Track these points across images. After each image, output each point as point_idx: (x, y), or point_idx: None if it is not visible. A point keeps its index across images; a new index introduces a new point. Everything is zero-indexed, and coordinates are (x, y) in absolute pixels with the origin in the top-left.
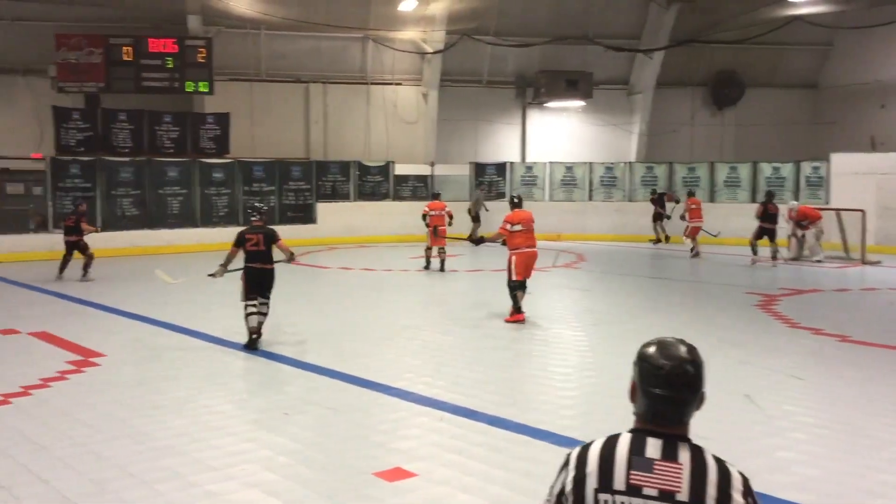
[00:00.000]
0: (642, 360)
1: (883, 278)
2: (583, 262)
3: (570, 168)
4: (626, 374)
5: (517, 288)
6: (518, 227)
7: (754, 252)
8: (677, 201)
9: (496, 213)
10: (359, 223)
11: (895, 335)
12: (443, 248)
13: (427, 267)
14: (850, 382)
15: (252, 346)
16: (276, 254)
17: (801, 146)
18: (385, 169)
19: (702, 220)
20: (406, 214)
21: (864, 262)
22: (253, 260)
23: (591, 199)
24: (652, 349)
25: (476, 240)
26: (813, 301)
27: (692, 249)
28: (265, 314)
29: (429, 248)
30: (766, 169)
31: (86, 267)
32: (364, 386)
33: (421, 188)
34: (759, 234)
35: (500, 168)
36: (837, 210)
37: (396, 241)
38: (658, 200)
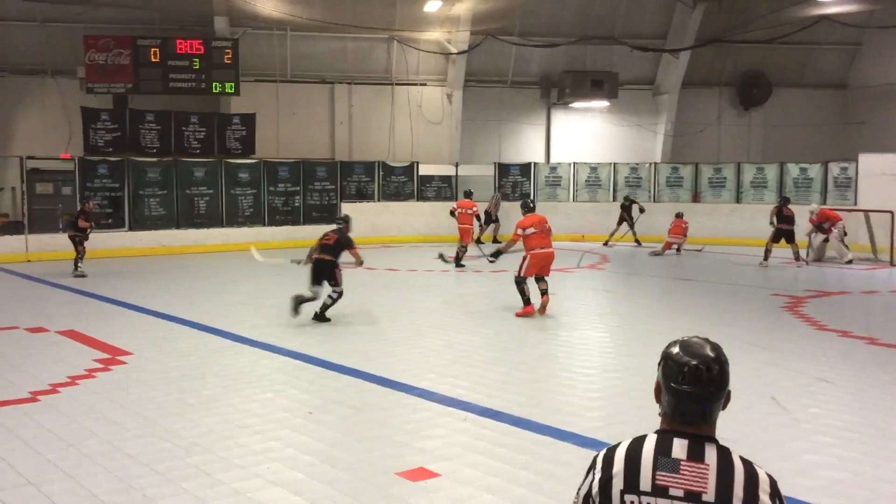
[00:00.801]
0: (667, 359)
1: None
2: (607, 263)
3: (594, 169)
4: (651, 375)
5: (523, 283)
6: (531, 230)
7: (766, 256)
8: (642, 210)
9: (515, 214)
10: (383, 223)
11: None
12: (464, 246)
13: (459, 265)
14: (880, 385)
15: (318, 318)
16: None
17: (829, 147)
18: (409, 169)
19: (683, 237)
20: (430, 215)
21: (892, 263)
22: (320, 250)
23: (615, 199)
24: (676, 348)
25: (494, 254)
26: (840, 303)
27: (656, 252)
28: (332, 299)
29: (462, 247)
30: (793, 170)
31: (76, 262)
32: (388, 386)
33: (445, 188)
34: (777, 236)
35: (525, 169)
36: (866, 211)
37: (421, 242)
38: (628, 208)
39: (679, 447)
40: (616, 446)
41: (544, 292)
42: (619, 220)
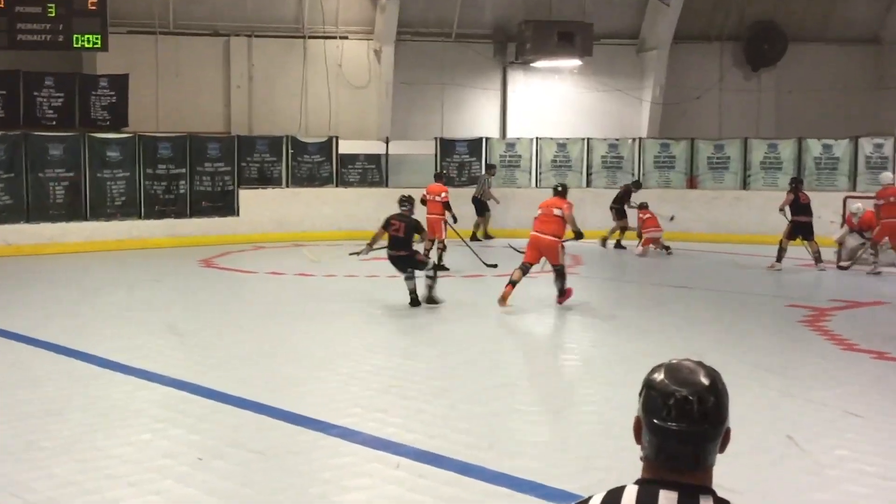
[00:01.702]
0: (649, 388)
1: None
2: (579, 266)
3: (562, 145)
4: (633, 408)
5: (518, 267)
6: (538, 212)
7: (780, 257)
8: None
9: (510, 204)
10: (293, 215)
11: None
12: (440, 242)
13: (441, 267)
14: None
15: (414, 303)
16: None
17: (860, 118)
18: (327, 147)
19: (660, 230)
20: (354, 204)
21: None
22: (392, 246)
23: (589, 184)
24: (661, 374)
25: (492, 265)
26: (874, 316)
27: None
28: (430, 278)
29: (430, 241)
30: (814, 147)
31: None
32: (299, 423)
33: (373, 171)
34: (793, 232)
35: (474, 146)
36: None
37: (342, 239)
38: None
39: (666, 501)
40: (587, 501)
41: (510, 283)
42: (618, 212)
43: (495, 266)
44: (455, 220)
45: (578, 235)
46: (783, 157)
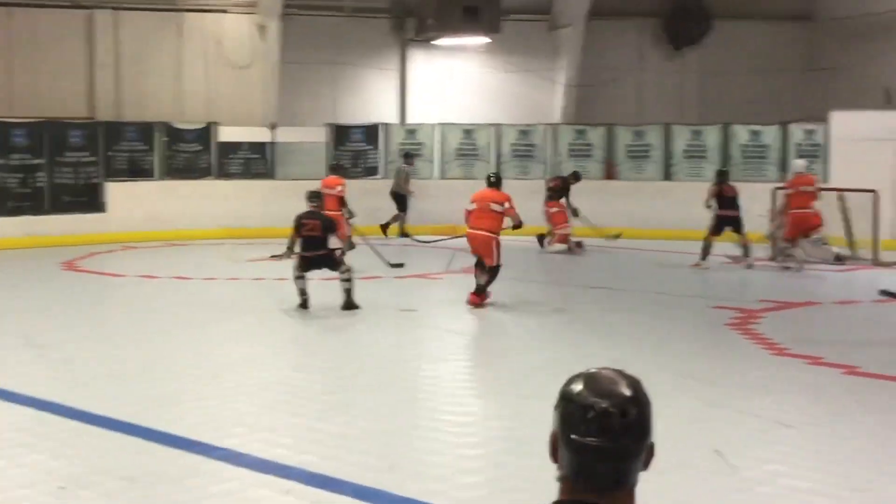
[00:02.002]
0: (566, 400)
1: None
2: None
3: (469, 132)
4: (547, 422)
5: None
6: (472, 206)
7: (704, 255)
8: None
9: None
10: (168, 212)
11: None
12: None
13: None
14: (863, 432)
15: (304, 306)
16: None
17: (791, 102)
18: (205, 134)
19: (568, 225)
20: (236, 199)
21: (876, 262)
22: (308, 247)
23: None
24: (579, 385)
25: (397, 264)
26: (808, 318)
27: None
28: (348, 280)
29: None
30: (741, 133)
31: None
32: (176, 446)
33: (258, 161)
34: (719, 227)
35: (370, 133)
36: (839, 191)
37: (223, 238)
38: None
39: None
40: None
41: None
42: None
43: (401, 266)
44: (350, 216)
45: (518, 226)
46: (708, 145)
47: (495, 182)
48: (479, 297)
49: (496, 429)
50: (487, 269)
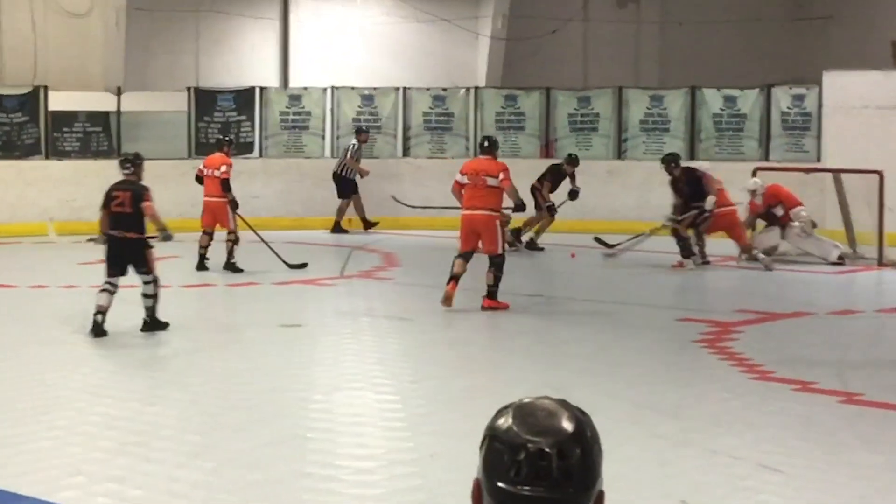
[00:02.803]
0: (491, 438)
1: None
2: (394, 268)
3: (369, 98)
4: (471, 466)
5: (457, 256)
6: (464, 179)
7: (685, 250)
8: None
9: (293, 184)
10: None
11: None
12: (232, 234)
13: (232, 267)
14: (865, 474)
15: (98, 332)
16: None
17: (774, 60)
18: (32, 101)
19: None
20: (73, 184)
21: (882, 262)
22: (115, 224)
23: (406, 153)
24: (507, 418)
25: (298, 265)
26: (796, 332)
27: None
28: (151, 295)
29: (205, 235)
30: (712, 100)
31: None
32: None
33: (99, 135)
34: (685, 211)
35: (245, 99)
36: (836, 172)
37: (56, 233)
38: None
39: None
40: None
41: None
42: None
43: (303, 267)
44: (236, 206)
45: (520, 207)
46: (671, 114)
47: (488, 147)
48: (495, 301)
49: (406, 476)
50: (491, 261)
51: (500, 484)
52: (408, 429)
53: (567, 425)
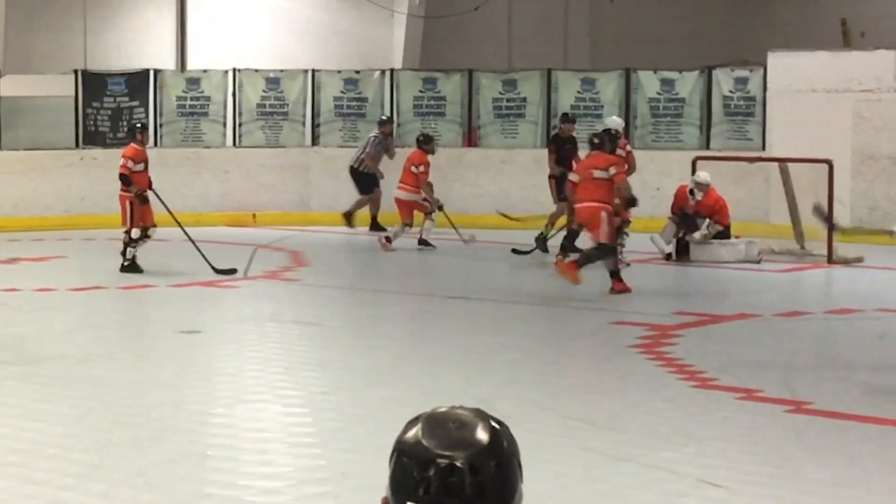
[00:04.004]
0: (400, 454)
1: (866, 289)
2: (302, 268)
3: (274, 82)
4: (380, 484)
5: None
6: (575, 177)
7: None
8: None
9: (192, 177)
10: None
11: (894, 397)
12: (144, 229)
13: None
14: (812, 489)
15: None
16: None
17: (715, 40)
18: None
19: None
20: None
21: (831, 259)
22: None
23: (315, 142)
24: (416, 431)
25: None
26: (740, 335)
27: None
28: None
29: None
30: (648, 83)
31: None
32: None
33: None
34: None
35: (137, 83)
36: (782, 161)
37: None
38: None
39: None
40: None
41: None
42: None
43: (232, 272)
44: (144, 202)
45: (632, 202)
46: (604, 98)
47: (599, 144)
48: (620, 284)
49: (316, 496)
50: (599, 247)
51: (408, 503)
52: (318, 445)
53: (481, 437)
